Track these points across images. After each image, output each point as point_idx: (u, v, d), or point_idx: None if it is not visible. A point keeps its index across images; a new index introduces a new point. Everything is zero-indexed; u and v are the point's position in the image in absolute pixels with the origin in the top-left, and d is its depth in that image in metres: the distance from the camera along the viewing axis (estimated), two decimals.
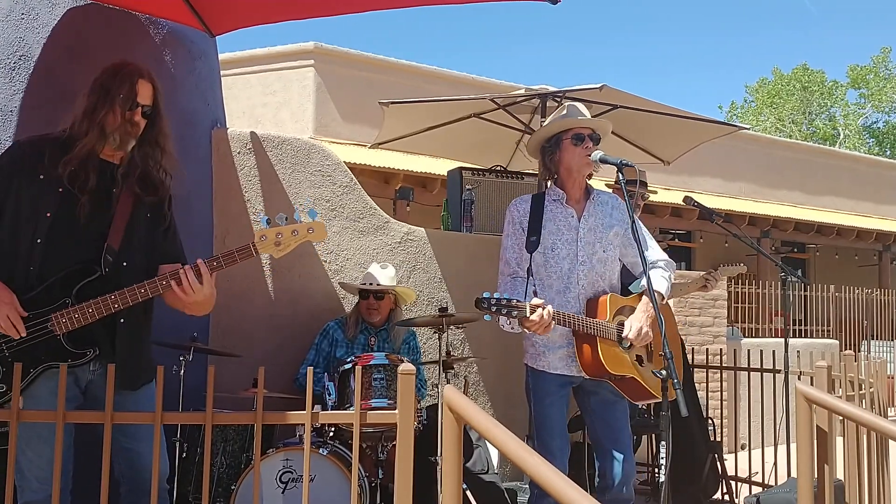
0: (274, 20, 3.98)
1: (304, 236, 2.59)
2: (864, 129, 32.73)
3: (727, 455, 5.40)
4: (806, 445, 2.91)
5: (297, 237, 2.58)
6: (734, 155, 14.76)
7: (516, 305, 2.80)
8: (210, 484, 3.50)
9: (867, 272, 16.01)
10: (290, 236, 2.58)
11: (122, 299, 2.45)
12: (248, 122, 10.70)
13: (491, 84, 12.25)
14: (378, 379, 3.49)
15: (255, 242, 2.56)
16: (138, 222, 2.62)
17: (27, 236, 2.48)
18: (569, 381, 3.10)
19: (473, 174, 5.26)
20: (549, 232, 3.09)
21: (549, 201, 3.15)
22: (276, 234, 2.56)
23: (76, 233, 2.51)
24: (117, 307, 2.46)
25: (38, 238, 2.47)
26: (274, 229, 2.56)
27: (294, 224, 2.58)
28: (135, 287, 2.47)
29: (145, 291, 2.47)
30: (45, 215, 2.48)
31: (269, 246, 2.56)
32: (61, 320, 2.43)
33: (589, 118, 3.17)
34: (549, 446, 3.02)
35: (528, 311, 2.80)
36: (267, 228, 2.56)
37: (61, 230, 2.50)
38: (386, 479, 3.58)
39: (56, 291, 2.47)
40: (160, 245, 2.69)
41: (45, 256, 2.48)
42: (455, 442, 2.03)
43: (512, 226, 3.16)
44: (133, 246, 2.59)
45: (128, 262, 2.57)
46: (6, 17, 3.32)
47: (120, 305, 2.46)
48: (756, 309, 11.00)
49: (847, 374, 4.06)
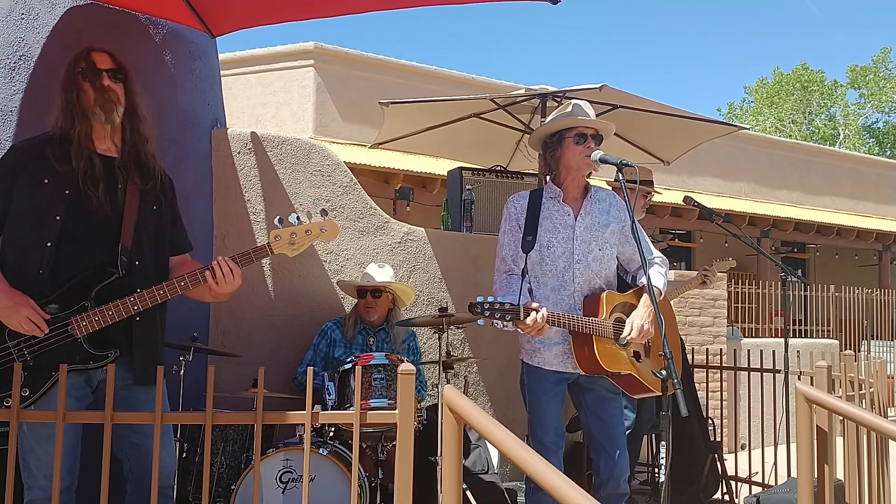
0: (274, 21, 3.98)
1: (317, 235, 2.65)
2: (864, 129, 32.73)
3: (727, 455, 5.40)
4: (806, 445, 2.91)
5: (310, 236, 2.65)
6: (734, 155, 14.76)
7: (510, 309, 2.81)
8: (210, 484, 3.49)
9: (867, 272, 16.01)
10: (304, 236, 2.64)
11: (142, 301, 2.49)
12: (248, 122, 10.71)
13: (491, 84, 12.25)
14: (378, 379, 3.49)
15: (271, 242, 2.63)
16: (146, 217, 2.63)
17: (37, 242, 2.47)
18: (564, 377, 3.10)
19: (473, 174, 5.26)
20: (545, 230, 3.10)
21: (546, 199, 3.15)
22: (290, 233, 2.62)
23: (88, 234, 2.51)
24: (137, 308, 2.48)
25: (49, 242, 2.46)
26: (288, 229, 2.62)
27: (308, 223, 2.64)
28: (153, 289, 2.50)
29: (164, 293, 2.51)
30: (55, 219, 2.47)
31: (283, 245, 2.63)
32: (81, 323, 2.45)
33: (593, 118, 3.16)
34: (543, 441, 3.04)
35: (521, 314, 2.81)
36: (281, 228, 2.62)
37: (72, 233, 2.49)
38: (386, 479, 3.58)
39: (75, 295, 2.47)
40: (169, 237, 2.72)
41: (56, 260, 2.47)
42: (455, 442, 2.03)
43: (508, 223, 3.16)
44: (143, 242, 2.60)
45: (140, 261, 2.59)
46: (6, 17, 3.32)
47: (140, 307, 2.49)
48: (756, 309, 11.00)
49: (847, 374, 4.06)
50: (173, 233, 2.75)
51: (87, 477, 2.58)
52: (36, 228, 2.47)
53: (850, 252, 15.83)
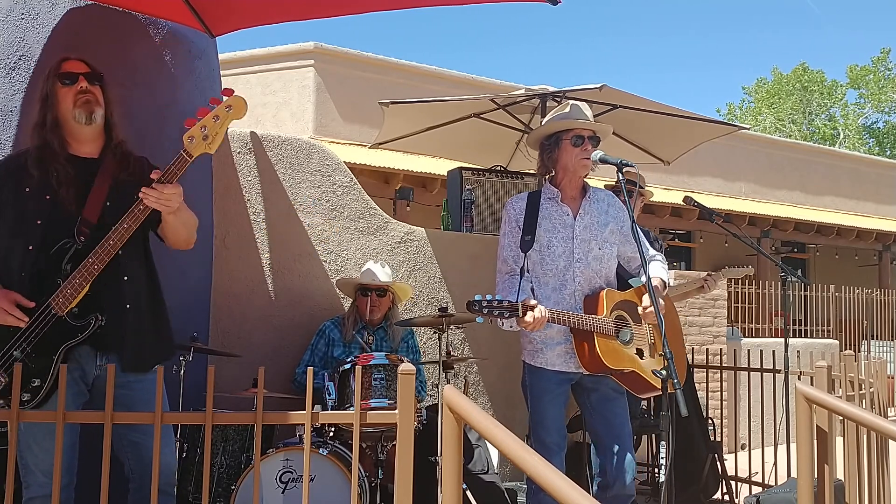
0: (274, 21, 3.98)
1: (225, 116, 2.52)
2: (863, 129, 32.73)
3: (727, 455, 5.40)
4: (806, 445, 2.91)
5: (220, 122, 2.52)
6: (734, 155, 14.76)
7: (508, 306, 2.80)
8: (210, 484, 3.49)
9: (867, 272, 16.01)
10: (214, 124, 2.52)
11: (99, 256, 2.50)
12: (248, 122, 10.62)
13: (491, 84, 12.25)
14: (378, 379, 3.49)
15: (185, 147, 2.53)
16: (122, 194, 2.62)
17: (19, 246, 2.54)
18: (567, 377, 3.10)
19: (473, 174, 5.25)
20: (544, 230, 3.10)
21: (545, 199, 3.16)
22: (200, 128, 2.52)
23: (66, 235, 2.55)
24: (100, 264, 2.50)
25: (31, 245, 2.54)
26: (197, 124, 2.52)
27: (212, 111, 2.52)
28: (104, 240, 2.50)
29: (113, 241, 2.50)
30: (36, 223, 2.54)
31: (199, 144, 2.52)
32: (58, 299, 2.50)
33: (590, 120, 3.17)
34: (546, 442, 3.03)
35: (520, 311, 2.81)
36: (191, 129, 2.52)
37: (52, 234, 2.55)
38: (386, 479, 3.58)
39: (48, 276, 2.53)
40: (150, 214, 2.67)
41: (36, 261, 2.54)
42: (455, 442, 2.03)
43: (508, 224, 3.17)
44: (120, 210, 2.57)
45: None
46: (6, 16, 3.32)
47: (100, 262, 2.50)
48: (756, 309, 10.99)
49: (847, 374, 4.06)
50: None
51: (87, 475, 2.59)
52: (18, 234, 2.55)
53: (851, 252, 15.83)
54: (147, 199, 2.51)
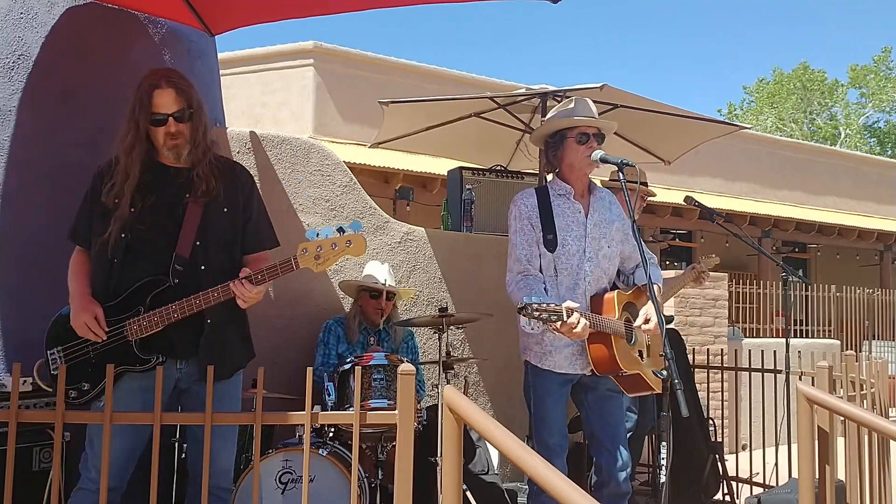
0: (273, 19, 3.97)
1: (342, 250, 2.57)
2: (864, 129, 32.72)
3: (728, 455, 5.39)
4: (807, 446, 2.91)
5: (336, 251, 2.57)
6: (735, 155, 14.75)
7: (555, 310, 2.69)
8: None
9: (868, 272, 16.00)
10: (330, 250, 2.56)
11: (181, 309, 2.59)
12: (248, 122, 10.69)
13: (491, 83, 12.24)
14: (378, 379, 3.48)
15: (297, 256, 2.58)
16: (214, 221, 2.70)
17: (105, 257, 2.63)
18: (571, 378, 3.08)
19: (473, 174, 5.24)
20: (558, 228, 3.05)
21: (555, 195, 3.10)
22: (316, 247, 2.57)
23: (148, 246, 2.64)
24: (177, 316, 2.59)
25: (115, 258, 2.62)
26: (315, 242, 2.56)
27: (335, 237, 2.56)
28: (192, 298, 2.59)
29: (199, 303, 2.59)
30: (121, 236, 2.61)
31: (309, 259, 2.58)
32: (133, 327, 2.59)
33: (595, 118, 3.12)
34: (548, 444, 3.01)
35: (565, 314, 2.71)
36: (309, 241, 2.57)
37: (135, 248, 2.63)
38: (386, 480, 3.57)
39: (132, 301, 2.62)
40: (241, 239, 2.79)
41: (121, 273, 2.63)
42: (455, 442, 2.02)
43: (520, 221, 3.07)
44: (210, 246, 2.68)
45: (205, 265, 2.67)
46: (5, 16, 3.32)
47: (178, 315, 2.59)
48: (757, 309, 10.99)
49: (848, 375, 4.04)
50: (245, 232, 2.80)
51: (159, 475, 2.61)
52: (105, 246, 2.62)
53: (852, 252, 15.82)
54: (232, 287, 2.58)
